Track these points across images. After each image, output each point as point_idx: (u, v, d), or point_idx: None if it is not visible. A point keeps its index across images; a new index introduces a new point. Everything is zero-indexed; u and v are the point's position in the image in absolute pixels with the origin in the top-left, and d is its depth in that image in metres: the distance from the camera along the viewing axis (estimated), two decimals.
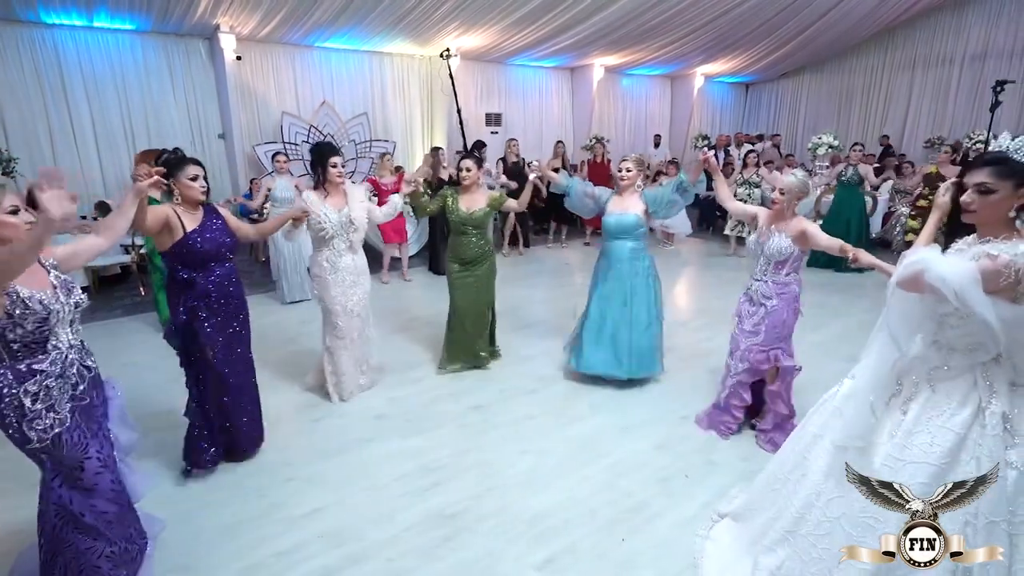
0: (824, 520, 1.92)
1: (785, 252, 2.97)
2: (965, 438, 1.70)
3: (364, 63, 9.36)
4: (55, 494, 1.91)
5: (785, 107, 14.45)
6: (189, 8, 6.94)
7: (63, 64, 7.09)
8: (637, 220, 3.66)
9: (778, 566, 2.05)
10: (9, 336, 1.77)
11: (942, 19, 11.77)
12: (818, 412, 2.14)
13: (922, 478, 1.70)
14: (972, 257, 1.65)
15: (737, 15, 9.79)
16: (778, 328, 3.07)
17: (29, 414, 1.80)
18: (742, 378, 3.19)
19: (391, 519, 2.62)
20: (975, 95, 11.42)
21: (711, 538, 2.47)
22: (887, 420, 1.85)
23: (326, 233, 3.46)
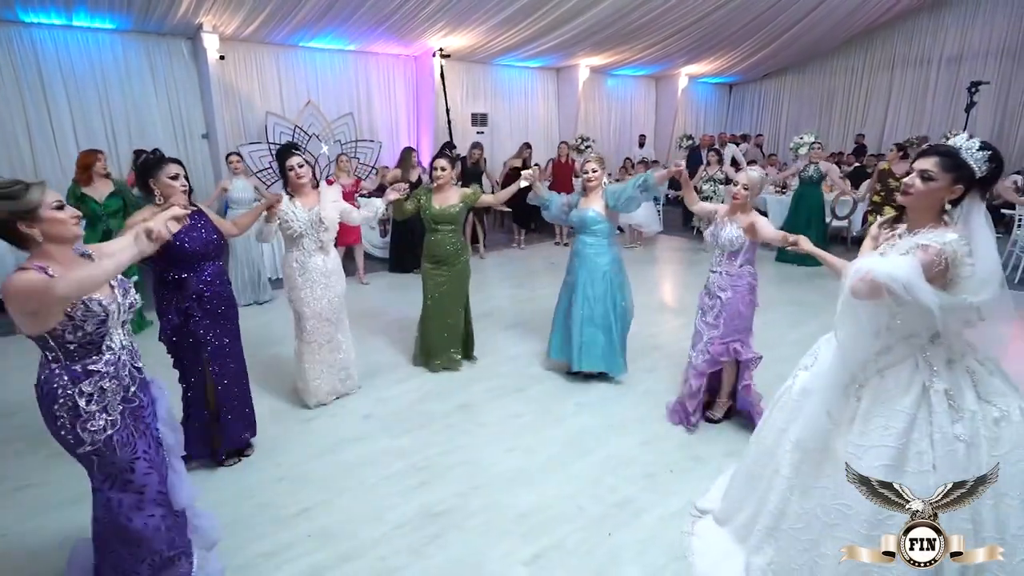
0: (802, 513, 2.00)
1: (736, 243, 3.09)
2: (915, 417, 1.80)
3: (349, 63, 9.33)
4: (103, 497, 1.89)
5: (768, 107, 14.66)
6: (171, 7, 6.88)
7: (42, 63, 6.99)
8: (595, 216, 3.72)
9: (768, 563, 2.12)
10: (68, 337, 1.75)
11: (920, 21, 12.02)
12: (778, 407, 2.23)
13: (885, 460, 1.79)
14: (903, 251, 1.76)
15: (720, 16, 9.91)
16: (736, 320, 3.17)
17: (84, 415, 1.78)
18: (702, 369, 3.29)
19: (380, 518, 2.64)
20: (952, 96, 11.68)
21: (696, 534, 2.53)
22: (845, 408, 1.95)
23: (293, 232, 3.40)
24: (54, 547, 2.44)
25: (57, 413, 1.78)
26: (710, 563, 2.35)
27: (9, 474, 3.00)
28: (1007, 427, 1.78)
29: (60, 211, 1.73)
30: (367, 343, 4.67)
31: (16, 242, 1.71)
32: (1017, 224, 6.91)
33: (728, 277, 3.17)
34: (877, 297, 1.71)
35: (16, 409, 3.64)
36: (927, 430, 1.78)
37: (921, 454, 1.77)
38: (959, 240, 1.73)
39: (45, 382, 1.79)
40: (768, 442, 2.22)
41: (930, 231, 1.79)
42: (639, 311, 4.02)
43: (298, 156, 3.45)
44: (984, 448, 1.76)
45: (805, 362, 2.19)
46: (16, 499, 2.81)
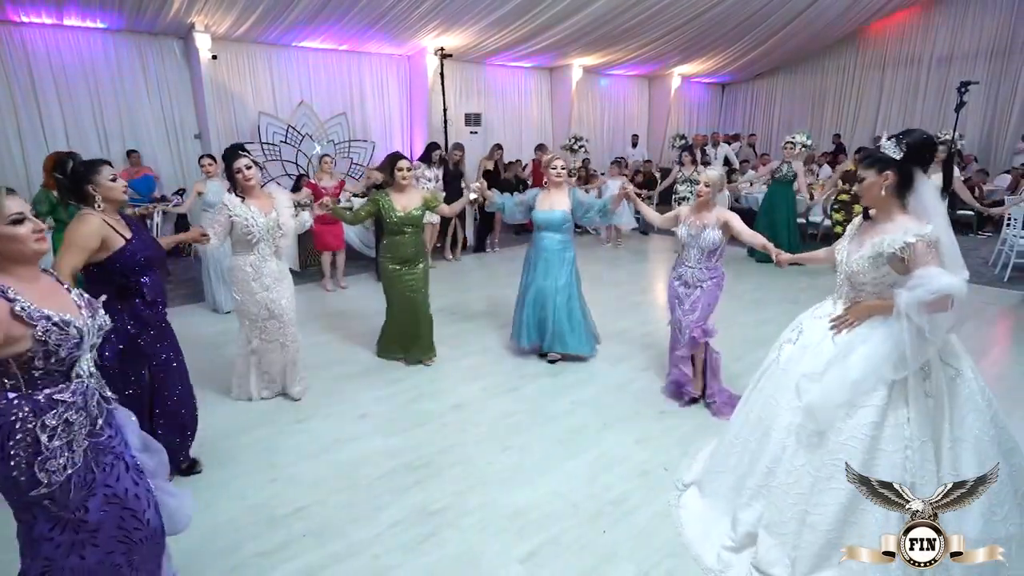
0: (792, 470, 2.17)
1: (716, 243, 3.40)
2: (895, 380, 2.01)
3: (342, 63, 9.32)
4: (47, 547, 1.60)
5: (760, 107, 14.74)
6: (163, 7, 6.85)
7: (32, 63, 6.94)
8: (564, 216, 4.05)
9: (758, 518, 2.26)
10: (37, 364, 1.53)
11: (910, 21, 12.12)
12: (766, 376, 2.40)
13: (873, 417, 2.01)
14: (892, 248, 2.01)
15: (713, 16, 9.97)
16: (711, 305, 3.52)
17: (44, 452, 1.53)
18: (684, 352, 3.58)
19: (375, 517, 2.64)
20: (942, 95, 11.78)
21: (682, 506, 2.66)
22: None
23: (253, 237, 3.35)
24: None
25: (12, 451, 1.51)
26: (699, 531, 2.48)
27: None
28: (961, 383, 2.05)
29: (19, 226, 1.53)
30: (358, 345, 4.67)
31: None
32: (1007, 223, 6.98)
33: (708, 271, 3.47)
34: (944, 309, 1.89)
35: None
36: (903, 390, 2.01)
37: (898, 410, 2.00)
38: (933, 229, 1.97)
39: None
40: (756, 410, 2.38)
41: (902, 223, 2.02)
42: (633, 310, 4.06)
43: (245, 157, 3.38)
44: (945, 401, 2.01)
45: (789, 336, 2.38)
46: None
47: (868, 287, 2.13)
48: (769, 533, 2.21)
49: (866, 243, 2.11)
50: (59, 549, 1.61)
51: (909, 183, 2.05)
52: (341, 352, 4.57)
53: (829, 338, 2.20)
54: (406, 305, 4.13)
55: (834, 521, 2.04)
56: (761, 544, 2.22)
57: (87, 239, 2.38)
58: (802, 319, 2.38)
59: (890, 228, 2.04)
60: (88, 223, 2.40)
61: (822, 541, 2.06)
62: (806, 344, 2.27)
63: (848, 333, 2.15)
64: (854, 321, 2.16)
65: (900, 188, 2.05)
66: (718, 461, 2.57)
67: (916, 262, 1.94)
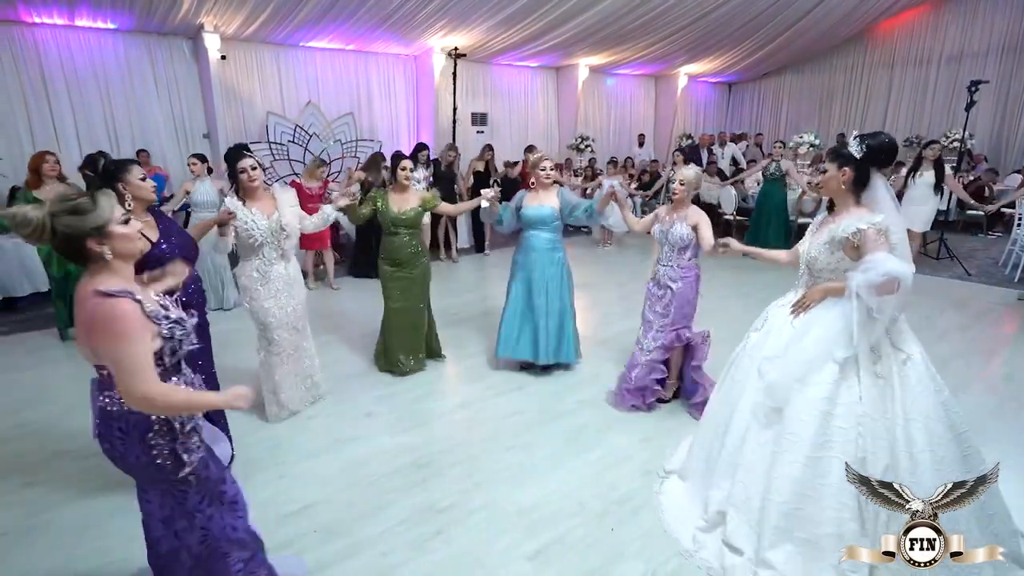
0: (755, 448, 2.30)
1: (686, 239, 3.35)
2: (847, 360, 2.16)
3: (350, 62, 9.35)
4: (202, 518, 1.78)
5: (767, 106, 14.66)
6: (172, 7, 6.90)
7: (44, 63, 7.00)
8: (553, 212, 3.94)
9: (726, 497, 2.38)
10: (166, 360, 1.64)
11: (920, 19, 12.02)
12: (735, 366, 2.55)
13: (825, 393, 2.16)
14: (837, 236, 2.20)
15: (719, 15, 9.93)
16: (684, 308, 3.45)
17: (181, 437, 1.68)
18: (655, 356, 3.52)
19: (382, 514, 2.65)
20: (952, 94, 11.69)
21: (663, 492, 2.78)
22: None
23: (255, 240, 3.22)
24: (55, 546, 2.46)
25: (153, 441, 1.65)
26: (677, 515, 2.59)
27: (13, 473, 3.02)
28: (912, 367, 2.18)
29: (127, 225, 1.60)
30: (359, 345, 4.69)
31: (78, 259, 1.57)
32: (1017, 223, 6.93)
33: (679, 270, 3.43)
34: (892, 292, 2.03)
35: (19, 407, 3.66)
36: (855, 370, 2.16)
37: (851, 388, 2.15)
38: (887, 220, 2.15)
39: (130, 412, 1.63)
40: (728, 396, 2.52)
41: (857, 214, 2.20)
42: (636, 310, 4.05)
43: (250, 158, 3.24)
44: (897, 383, 2.15)
45: (756, 325, 2.54)
46: (20, 497, 2.82)
47: (825, 273, 2.30)
48: (736, 510, 2.32)
49: (824, 232, 2.30)
50: (217, 520, 1.80)
51: (865, 181, 2.23)
52: (342, 352, 4.58)
53: (789, 322, 2.36)
54: (401, 307, 4.05)
55: (790, 494, 2.15)
56: (729, 522, 2.34)
57: None
58: (769, 309, 2.54)
59: (845, 217, 2.23)
60: None
61: (779, 515, 2.17)
62: (769, 330, 2.44)
63: (805, 315, 2.31)
64: (810, 303, 2.31)
65: (856, 184, 2.24)
66: (696, 450, 2.71)
67: (867, 247, 2.10)
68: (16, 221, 1.45)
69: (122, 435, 1.65)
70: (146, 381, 1.52)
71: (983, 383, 3.97)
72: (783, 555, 2.16)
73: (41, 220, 1.46)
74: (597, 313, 5.55)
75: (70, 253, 1.55)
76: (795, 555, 2.15)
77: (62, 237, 1.50)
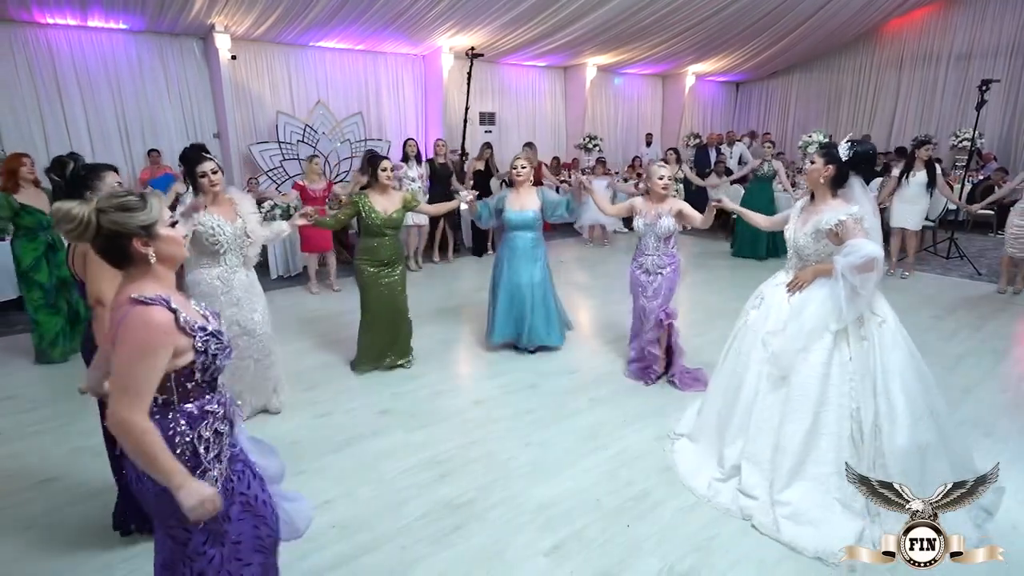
0: (764, 408, 2.65)
1: (671, 229, 3.72)
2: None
3: (359, 62, 9.38)
4: (201, 562, 1.55)
5: (775, 106, 14.63)
6: (184, 7, 6.94)
7: (57, 63, 7.07)
8: (535, 215, 4.20)
9: (740, 452, 2.72)
10: (197, 376, 1.50)
11: (929, 18, 11.97)
12: (737, 339, 2.89)
13: (823, 358, 2.50)
14: (828, 224, 2.51)
15: (728, 15, 9.91)
16: (672, 290, 3.83)
17: (204, 464, 1.50)
18: (651, 336, 3.87)
19: (400, 509, 2.68)
20: (961, 94, 11.63)
21: (676, 451, 3.10)
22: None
23: (220, 247, 3.10)
24: (76, 541, 2.50)
25: None
26: (691, 468, 2.92)
27: (35, 468, 3.06)
28: (886, 329, 2.53)
29: (174, 228, 1.52)
30: None
31: (120, 261, 1.47)
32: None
33: (666, 257, 3.78)
34: (871, 270, 2.38)
35: (38, 404, 3.71)
36: (844, 335, 2.52)
37: (842, 351, 2.51)
38: (863, 211, 2.50)
39: None
40: (731, 367, 2.86)
41: (834, 206, 2.55)
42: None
43: (211, 161, 3.07)
44: (876, 343, 2.49)
45: (753, 303, 2.87)
46: (42, 491, 2.86)
47: (812, 258, 2.64)
48: (749, 463, 2.67)
49: (808, 222, 2.63)
50: (211, 564, 1.56)
51: (844, 180, 2.58)
52: (352, 351, 4.57)
53: (786, 300, 2.69)
54: (385, 308, 4.03)
55: (800, 444, 2.51)
56: (744, 473, 2.67)
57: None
58: (763, 288, 2.87)
59: (825, 210, 2.58)
60: None
61: (792, 462, 2.52)
62: (768, 307, 2.76)
63: (800, 294, 2.64)
64: (803, 283, 2.65)
65: (836, 182, 2.59)
66: (704, 415, 3.03)
67: (847, 235, 2.45)
68: (60, 216, 1.38)
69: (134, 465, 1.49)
70: (133, 407, 1.38)
71: (994, 382, 3.97)
72: (796, 492, 2.51)
73: (87, 216, 1.39)
74: (606, 313, 5.56)
75: (112, 253, 1.46)
76: (806, 491, 2.49)
77: (107, 235, 1.42)
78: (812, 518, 2.43)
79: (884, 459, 2.39)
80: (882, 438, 2.41)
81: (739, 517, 2.60)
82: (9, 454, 3.19)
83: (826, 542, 2.33)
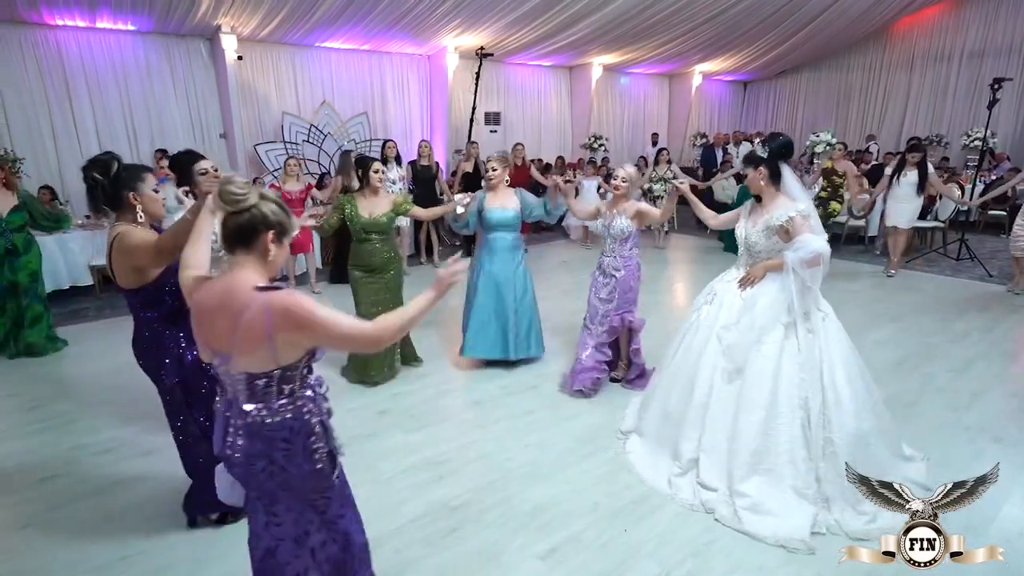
0: (719, 402, 2.74)
1: (627, 230, 3.63)
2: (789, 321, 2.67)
3: (364, 62, 9.40)
4: (343, 523, 1.73)
5: (783, 105, 14.52)
6: (191, 9, 6.98)
7: (66, 64, 7.13)
8: (516, 215, 4.06)
9: (696, 445, 2.80)
10: (312, 361, 1.60)
11: (940, 16, 11.83)
12: (688, 334, 2.98)
13: (775, 350, 2.63)
14: (773, 223, 2.69)
15: (735, 13, 9.85)
16: (627, 293, 3.71)
17: (335, 437, 1.66)
18: (602, 339, 3.77)
19: (397, 511, 2.66)
20: (973, 93, 11.48)
21: (629, 451, 3.11)
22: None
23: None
24: (73, 540, 2.50)
25: (314, 446, 1.58)
26: (646, 465, 2.96)
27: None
28: (829, 322, 2.71)
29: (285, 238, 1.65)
30: None
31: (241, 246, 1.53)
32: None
33: (621, 259, 3.68)
34: (818, 264, 2.56)
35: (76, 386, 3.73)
36: (793, 329, 2.66)
37: (791, 343, 2.64)
38: (808, 207, 2.69)
39: (293, 419, 1.55)
40: (683, 363, 2.94)
41: (781, 203, 2.71)
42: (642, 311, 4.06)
43: (208, 160, 2.84)
44: (821, 336, 2.65)
45: (705, 299, 2.98)
46: (42, 490, 2.88)
47: (763, 254, 2.80)
48: (707, 455, 2.75)
49: (759, 221, 2.78)
50: (351, 523, 1.76)
51: (778, 173, 2.74)
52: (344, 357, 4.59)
53: (738, 295, 2.82)
54: (373, 314, 3.89)
55: (755, 434, 2.61)
56: (702, 465, 2.75)
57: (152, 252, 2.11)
58: (714, 285, 2.99)
59: (773, 208, 2.73)
60: (139, 235, 2.12)
61: (748, 452, 2.61)
62: (721, 302, 2.87)
63: (751, 289, 2.77)
64: (755, 279, 2.79)
65: (773, 178, 2.75)
66: (652, 409, 3.09)
67: (796, 231, 2.60)
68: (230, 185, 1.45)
69: (287, 446, 1.55)
70: (361, 325, 1.52)
71: (1005, 386, 3.90)
72: (753, 485, 2.59)
73: (253, 197, 1.47)
74: None
75: (242, 240, 1.50)
76: (762, 484, 2.59)
77: (256, 221, 1.48)
78: (770, 508, 2.53)
79: (834, 447, 2.55)
80: (831, 427, 2.56)
81: (703, 512, 2.64)
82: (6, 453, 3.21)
83: (785, 530, 2.45)
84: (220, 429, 1.61)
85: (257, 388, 1.52)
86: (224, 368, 1.53)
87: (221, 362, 1.53)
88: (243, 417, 1.54)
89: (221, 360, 1.52)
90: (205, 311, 1.53)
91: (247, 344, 1.46)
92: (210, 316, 1.51)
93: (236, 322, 1.45)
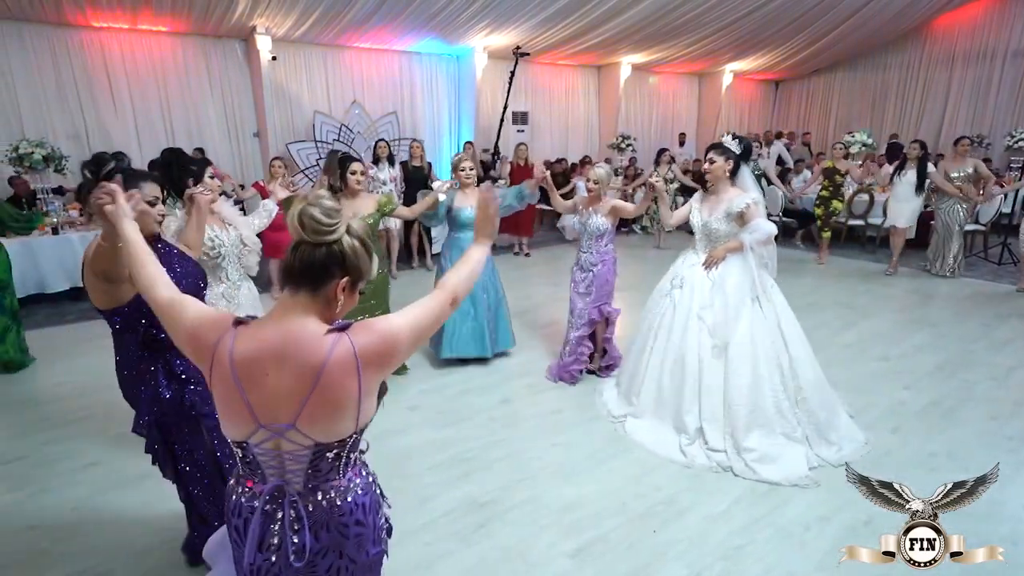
0: (711, 374, 3.08)
1: (602, 227, 3.79)
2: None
3: (394, 62, 9.50)
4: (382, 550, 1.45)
5: (816, 104, 14.18)
6: (228, 10, 7.15)
7: (108, 65, 7.37)
8: None
9: (698, 416, 3.11)
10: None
11: (984, 13, 11.42)
12: (666, 317, 3.30)
13: (749, 324, 3.06)
14: (729, 211, 3.12)
15: (768, 11, 9.66)
16: (604, 287, 3.87)
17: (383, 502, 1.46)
18: (582, 332, 3.91)
19: (426, 506, 2.70)
20: (1017, 91, 11.07)
21: (630, 431, 3.32)
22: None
23: (220, 259, 2.82)
24: (121, 521, 2.59)
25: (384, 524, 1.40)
26: (655, 441, 3.18)
27: (79, 452, 3.19)
28: (774, 291, 3.18)
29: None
30: None
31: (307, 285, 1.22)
32: None
33: (598, 254, 3.84)
34: (770, 243, 3.16)
35: (83, 392, 3.86)
36: (759, 305, 3.10)
37: (757, 312, 3.09)
38: (758, 196, 3.15)
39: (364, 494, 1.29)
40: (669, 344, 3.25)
41: (734, 194, 3.14)
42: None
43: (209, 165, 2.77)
44: (775, 304, 3.13)
45: (674, 283, 3.32)
46: (87, 476, 2.99)
47: (722, 239, 3.18)
48: (709, 423, 3.07)
49: (716, 209, 3.18)
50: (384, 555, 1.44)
51: (739, 169, 3.17)
52: None
53: (706, 277, 3.19)
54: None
55: (746, 397, 3.00)
56: (707, 432, 3.08)
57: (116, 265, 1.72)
58: (678, 270, 3.34)
59: (727, 198, 3.15)
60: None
61: (743, 413, 3.00)
62: (692, 286, 3.22)
63: (716, 270, 3.16)
64: (717, 260, 3.17)
65: (733, 172, 3.17)
66: (646, 391, 3.35)
67: (751, 216, 3.05)
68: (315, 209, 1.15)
69: (360, 528, 1.28)
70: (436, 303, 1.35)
71: None
72: (755, 439, 2.98)
73: (341, 229, 1.20)
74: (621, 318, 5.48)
75: (310, 278, 1.20)
76: (761, 436, 2.98)
77: (333, 260, 1.19)
78: (772, 455, 2.94)
79: (804, 393, 3.04)
80: (798, 378, 3.05)
81: (719, 471, 2.96)
82: None
83: (787, 471, 2.88)
84: (255, 533, 1.22)
85: (324, 464, 1.22)
86: (270, 445, 1.20)
87: (270, 437, 1.19)
88: (305, 507, 1.22)
89: (272, 434, 1.19)
90: (255, 365, 1.17)
91: (327, 407, 1.16)
92: (261, 374, 1.16)
93: (312, 380, 1.14)
